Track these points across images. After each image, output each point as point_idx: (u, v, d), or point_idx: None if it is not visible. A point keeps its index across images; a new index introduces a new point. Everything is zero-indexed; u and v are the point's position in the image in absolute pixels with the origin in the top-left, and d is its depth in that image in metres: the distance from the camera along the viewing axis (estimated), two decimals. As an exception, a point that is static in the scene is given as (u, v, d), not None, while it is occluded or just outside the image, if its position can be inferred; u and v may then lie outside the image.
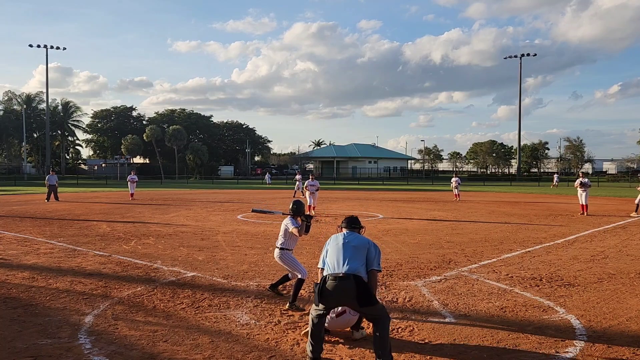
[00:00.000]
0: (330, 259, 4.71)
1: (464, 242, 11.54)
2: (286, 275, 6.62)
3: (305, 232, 6.19)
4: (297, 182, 31.33)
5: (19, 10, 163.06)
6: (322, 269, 4.78)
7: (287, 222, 6.33)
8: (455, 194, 26.63)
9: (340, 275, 4.46)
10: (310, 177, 20.03)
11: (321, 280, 4.54)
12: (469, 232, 13.34)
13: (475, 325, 5.53)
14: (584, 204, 18.16)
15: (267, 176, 56.21)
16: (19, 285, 7.17)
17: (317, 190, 19.51)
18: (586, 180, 18.62)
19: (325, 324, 4.67)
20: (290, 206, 6.44)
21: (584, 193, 18.26)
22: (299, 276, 6.24)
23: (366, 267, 4.63)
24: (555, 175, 52.75)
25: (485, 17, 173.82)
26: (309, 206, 18.60)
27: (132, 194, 26.57)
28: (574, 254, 10.10)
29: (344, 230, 5.06)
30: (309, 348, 4.48)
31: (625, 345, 4.93)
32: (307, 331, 4.82)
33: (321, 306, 4.50)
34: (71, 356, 4.57)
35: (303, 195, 23.79)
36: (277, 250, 6.40)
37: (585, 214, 17.90)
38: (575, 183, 18.99)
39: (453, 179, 27.21)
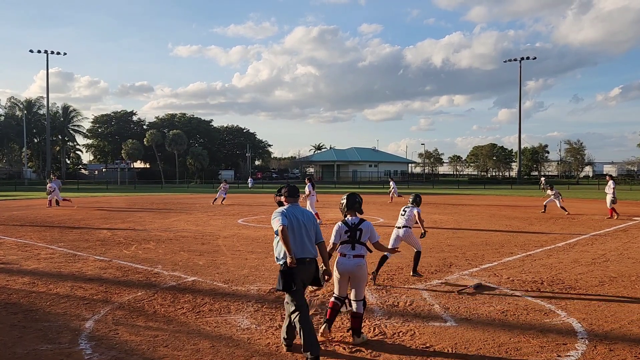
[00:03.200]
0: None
1: (464, 246, 11.52)
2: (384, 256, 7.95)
3: None
4: (220, 191, 26.67)
5: (20, 15, 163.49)
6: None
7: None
8: (391, 196, 28.91)
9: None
10: (307, 181, 18.03)
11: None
12: (470, 236, 13.33)
13: (476, 329, 5.52)
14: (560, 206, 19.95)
15: (249, 180, 56.06)
16: (20, 291, 7.16)
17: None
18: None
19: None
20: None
21: (557, 199, 20.19)
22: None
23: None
24: (543, 179, 52.46)
25: (486, 21, 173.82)
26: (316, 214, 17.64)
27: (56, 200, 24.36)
28: (575, 257, 10.09)
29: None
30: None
31: (627, 349, 4.92)
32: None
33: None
34: (72, 362, 4.56)
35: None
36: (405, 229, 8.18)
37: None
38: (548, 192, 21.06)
39: (391, 183, 29.83)
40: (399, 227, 8.33)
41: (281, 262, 4.80)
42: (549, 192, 21.11)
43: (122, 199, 31.37)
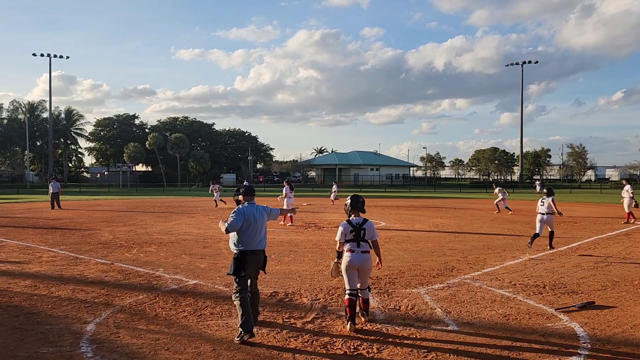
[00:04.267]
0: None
1: (466, 250, 11.51)
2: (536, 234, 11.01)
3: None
4: (216, 193, 27.61)
5: (23, 19, 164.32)
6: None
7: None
8: (332, 199, 29.63)
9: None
10: (285, 183, 17.94)
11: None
12: (472, 240, 13.31)
13: (478, 333, 5.50)
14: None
15: (245, 183, 56.43)
16: (21, 294, 7.17)
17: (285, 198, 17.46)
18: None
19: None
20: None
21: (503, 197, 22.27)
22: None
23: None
24: (537, 183, 52.77)
25: (488, 25, 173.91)
26: (291, 217, 17.10)
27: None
28: (577, 261, 10.06)
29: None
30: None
31: (630, 354, 4.90)
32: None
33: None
34: (73, 365, 4.56)
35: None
36: (548, 215, 11.12)
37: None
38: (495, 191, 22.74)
39: (334, 186, 30.73)
40: (542, 214, 11.22)
41: (235, 251, 5.50)
42: (495, 191, 22.72)
43: (124, 202, 31.41)
